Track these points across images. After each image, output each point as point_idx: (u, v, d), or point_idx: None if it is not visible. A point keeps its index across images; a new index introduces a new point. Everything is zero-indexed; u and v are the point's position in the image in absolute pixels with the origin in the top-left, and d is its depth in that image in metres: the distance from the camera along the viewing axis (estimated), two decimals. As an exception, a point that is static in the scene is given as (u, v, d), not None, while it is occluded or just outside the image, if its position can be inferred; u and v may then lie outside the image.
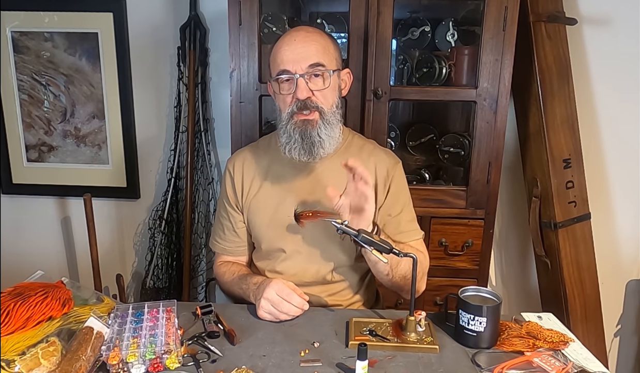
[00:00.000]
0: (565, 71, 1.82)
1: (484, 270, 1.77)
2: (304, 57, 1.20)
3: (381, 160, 1.34)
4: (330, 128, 1.24)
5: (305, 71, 1.20)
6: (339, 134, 1.29)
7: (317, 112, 1.22)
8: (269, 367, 1.01)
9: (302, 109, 1.21)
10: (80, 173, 2.20)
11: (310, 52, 1.21)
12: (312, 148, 1.23)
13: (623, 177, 2.05)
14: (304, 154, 1.24)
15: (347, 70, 1.34)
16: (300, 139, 1.23)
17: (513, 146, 2.02)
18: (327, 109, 1.24)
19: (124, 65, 2.06)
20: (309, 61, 1.20)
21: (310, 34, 1.24)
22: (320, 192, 1.27)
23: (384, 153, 1.37)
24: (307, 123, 1.22)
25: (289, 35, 1.25)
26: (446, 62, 1.79)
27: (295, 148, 1.24)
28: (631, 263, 2.14)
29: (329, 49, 1.24)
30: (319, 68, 1.21)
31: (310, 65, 1.20)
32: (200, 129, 2.07)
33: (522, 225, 2.12)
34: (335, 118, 1.26)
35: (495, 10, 1.56)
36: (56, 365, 0.95)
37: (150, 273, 2.15)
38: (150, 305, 1.15)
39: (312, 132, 1.22)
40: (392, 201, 1.32)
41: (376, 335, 1.11)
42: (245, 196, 1.36)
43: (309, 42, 1.22)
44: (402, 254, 1.12)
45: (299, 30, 1.26)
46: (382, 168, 1.32)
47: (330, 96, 1.24)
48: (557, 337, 1.10)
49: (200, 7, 2.01)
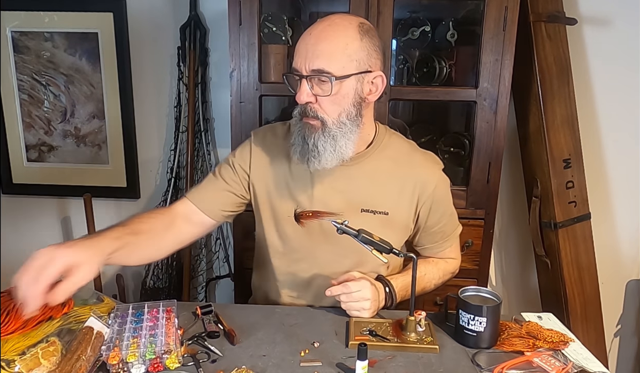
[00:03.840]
0: (565, 71, 1.82)
1: (484, 270, 1.77)
2: (310, 57, 1.08)
3: (422, 173, 1.24)
4: (332, 141, 1.12)
5: (309, 73, 1.09)
6: (346, 147, 1.14)
7: (319, 121, 1.12)
8: (269, 367, 1.01)
9: (303, 114, 1.14)
10: (80, 173, 2.20)
11: (316, 53, 1.08)
12: (307, 155, 1.14)
13: (623, 177, 2.05)
14: (300, 158, 1.16)
15: (381, 74, 1.15)
16: (301, 142, 1.15)
17: (513, 146, 2.02)
18: (331, 121, 1.11)
19: (124, 65, 2.06)
20: (312, 64, 1.08)
21: (328, 30, 1.09)
22: (338, 199, 1.22)
23: (425, 161, 1.27)
24: (309, 128, 1.13)
25: (309, 28, 1.12)
26: (446, 62, 1.79)
27: (297, 150, 1.16)
28: (631, 263, 2.14)
29: (345, 49, 1.08)
30: (321, 76, 1.08)
31: (313, 70, 1.08)
32: (200, 129, 2.07)
33: (522, 225, 2.12)
34: (342, 131, 1.12)
35: (495, 10, 1.56)
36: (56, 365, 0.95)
37: (150, 273, 2.15)
38: (150, 305, 1.15)
39: (309, 138, 1.12)
40: (436, 217, 1.28)
41: (376, 335, 1.11)
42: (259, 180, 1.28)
43: (321, 41, 1.08)
44: (402, 254, 1.12)
45: (323, 21, 1.12)
46: (424, 182, 1.24)
47: (340, 103, 1.11)
48: (557, 337, 1.10)
49: (200, 7, 2.01)
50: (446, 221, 1.31)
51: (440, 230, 1.32)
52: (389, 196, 1.23)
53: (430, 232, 1.31)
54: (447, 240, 1.34)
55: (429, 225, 1.29)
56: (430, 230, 1.31)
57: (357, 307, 1.18)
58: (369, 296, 1.17)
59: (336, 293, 1.18)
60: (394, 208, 1.23)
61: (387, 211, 1.23)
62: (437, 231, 1.31)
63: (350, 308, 1.18)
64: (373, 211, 1.22)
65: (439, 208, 1.28)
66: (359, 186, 1.22)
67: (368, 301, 1.17)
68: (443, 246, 1.35)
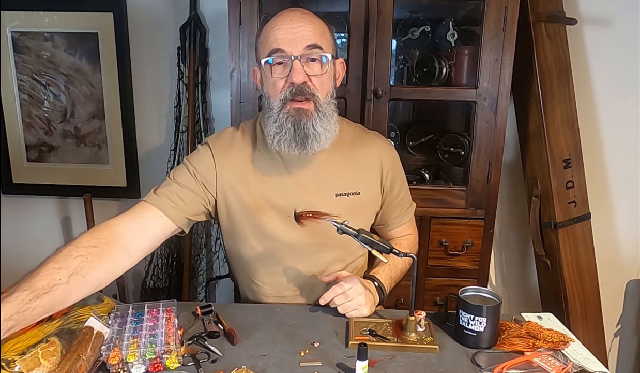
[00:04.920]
0: (565, 71, 1.82)
1: (484, 270, 1.77)
2: (300, 37, 1.10)
3: (379, 150, 1.32)
4: (326, 120, 1.15)
5: (301, 52, 1.10)
6: (335, 126, 1.18)
7: (312, 102, 1.13)
8: (269, 367, 1.01)
9: (296, 94, 1.11)
10: (80, 172, 2.20)
11: (307, 32, 1.11)
12: (306, 141, 1.13)
13: (623, 177, 2.05)
14: (295, 147, 1.14)
15: (341, 60, 1.24)
16: (293, 130, 1.12)
17: (513, 146, 2.02)
18: (322, 99, 1.14)
19: (124, 65, 2.06)
20: (306, 41, 1.10)
21: (307, 15, 1.15)
22: (313, 188, 1.23)
23: (377, 138, 1.35)
24: (302, 113, 1.12)
25: (283, 15, 1.14)
26: (446, 62, 1.78)
27: (286, 139, 1.14)
28: (631, 263, 2.14)
29: (326, 33, 1.16)
30: (316, 51, 1.11)
31: (308, 46, 1.10)
32: (200, 129, 2.07)
33: (522, 225, 2.12)
34: (330, 108, 1.17)
35: (495, 10, 1.56)
36: (56, 365, 0.95)
37: (150, 273, 2.15)
38: (150, 305, 1.15)
39: (306, 123, 1.12)
40: (396, 189, 1.35)
41: (376, 335, 1.11)
42: (221, 189, 1.23)
43: (307, 23, 1.12)
44: (402, 254, 1.12)
45: (294, 10, 1.15)
46: (382, 158, 1.31)
47: (327, 83, 1.16)
48: (557, 337, 1.10)
49: (200, 7, 2.01)
50: (404, 194, 1.38)
51: (400, 203, 1.38)
52: (357, 176, 1.28)
53: (392, 206, 1.37)
54: (406, 213, 1.40)
55: (392, 198, 1.35)
56: (392, 204, 1.36)
57: (354, 305, 1.18)
58: (362, 291, 1.17)
59: (330, 298, 1.18)
60: (365, 187, 1.28)
61: (359, 191, 1.27)
62: (397, 204, 1.37)
63: (348, 308, 1.18)
64: (346, 193, 1.26)
65: (397, 179, 1.35)
66: (330, 173, 1.25)
67: (363, 295, 1.17)
68: (402, 220, 1.40)
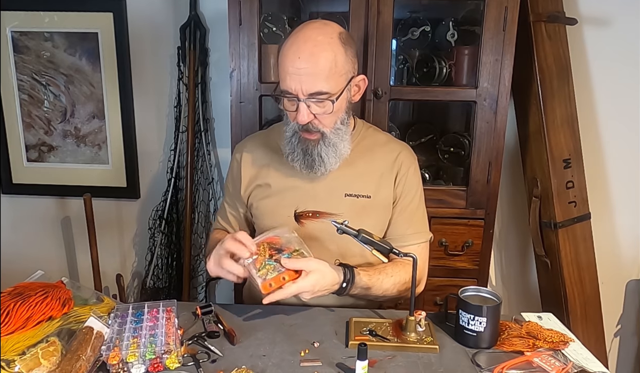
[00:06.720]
0: (565, 71, 1.82)
1: (484, 270, 1.77)
2: (306, 81, 1.13)
3: (398, 157, 1.33)
4: (333, 148, 1.22)
5: (307, 97, 1.15)
6: (346, 147, 1.25)
7: (320, 133, 1.20)
8: (269, 367, 1.01)
9: (303, 131, 1.20)
10: (80, 173, 2.20)
11: (311, 78, 1.13)
12: (313, 165, 1.23)
13: (623, 177, 2.05)
14: (304, 168, 1.24)
15: (362, 77, 1.24)
16: (302, 155, 1.23)
17: (513, 146, 2.02)
18: (329, 131, 1.21)
19: (124, 65, 2.06)
20: (310, 88, 1.14)
21: (315, 51, 1.13)
22: (323, 184, 1.28)
23: (402, 147, 1.36)
24: (309, 142, 1.21)
25: (294, 47, 1.14)
26: (446, 62, 1.78)
27: (297, 160, 1.24)
28: (631, 263, 2.14)
29: (336, 66, 1.15)
30: (321, 97, 1.15)
31: (312, 94, 1.14)
32: (200, 129, 2.07)
33: (522, 225, 2.12)
34: (339, 136, 1.23)
35: (495, 10, 1.56)
36: (56, 365, 0.95)
37: (150, 273, 2.15)
38: (150, 305, 1.15)
39: (313, 151, 1.22)
40: (409, 198, 1.34)
41: (376, 335, 1.11)
42: (249, 188, 1.35)
43: (313, 64, 1.12)
44: (402, 254, 1.12)
45: (306, 41, 1.14)
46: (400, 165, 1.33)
47: (335, 115, 1.20)
48: (557, 337, 1.10)
49: (200, 7, 2.01)
50: (415, 209, 1.34)
51: (409, 218, 1.33)
52: (370, 180, 1.30)
53: (399, 218, 1.32)
54: (414, 234, 1.32)
55: (401, 207, 1.32)
56: (401, 214, 1.32)
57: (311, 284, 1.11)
58: (313, 267, 1.11)
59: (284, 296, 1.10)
60: (376, 191, 1.30)
61: (370, 194, 1.29)
62: (405, 218, 1.32)
63: (313, 290, 1.12)
64: (356, 194, 1.29)
65: (411, 190, 1.33)
66: (343, 173, 1.28)
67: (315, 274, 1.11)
68: (408, 239, 1.31)
